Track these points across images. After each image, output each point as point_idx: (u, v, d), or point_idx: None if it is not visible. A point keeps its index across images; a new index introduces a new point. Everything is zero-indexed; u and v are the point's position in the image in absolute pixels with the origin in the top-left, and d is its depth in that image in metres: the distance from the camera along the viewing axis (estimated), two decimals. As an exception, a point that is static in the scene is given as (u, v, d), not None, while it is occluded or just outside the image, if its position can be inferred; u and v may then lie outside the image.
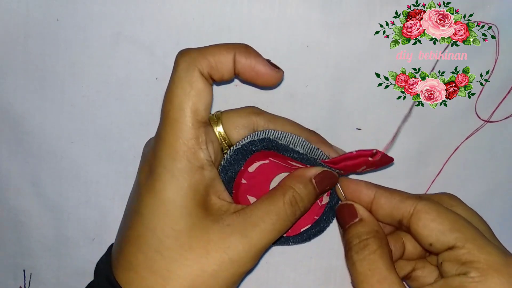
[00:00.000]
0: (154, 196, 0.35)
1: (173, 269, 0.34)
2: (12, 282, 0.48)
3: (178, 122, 0.35)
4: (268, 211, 0.36)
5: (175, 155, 0.35)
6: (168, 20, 0.43)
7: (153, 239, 0.35)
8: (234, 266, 0.35)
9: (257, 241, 0.35)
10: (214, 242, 0.35)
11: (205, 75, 0.36)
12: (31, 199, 0.46)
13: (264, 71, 0.36)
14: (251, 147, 0.38)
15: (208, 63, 0.35)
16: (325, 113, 0.44)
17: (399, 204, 0.37)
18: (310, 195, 0.38)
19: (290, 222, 0.37)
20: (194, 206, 0.35)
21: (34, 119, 0.45)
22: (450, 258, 0.36)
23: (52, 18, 0.43)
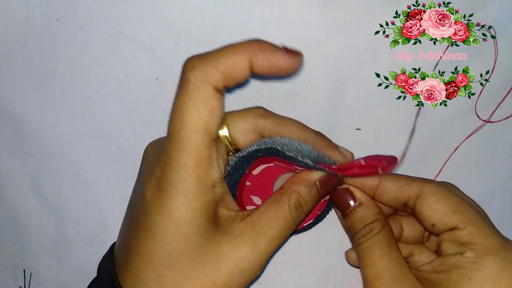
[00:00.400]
0: (166, 216, 0.34)
1: (185, 284, 0.34)
2: (12, 282, 0.48)
3: (190, 143, 0.33)
4: (275, 218, 0.36)
5: (187, 176, 0.33)
6: (168, 20, 0.43)
7: (165, 257, 0.34)
8: (245, 276, 0.35)
9: (266, 248, 0.35)
10: (225, 254, 0.34)
11: (219, 89, 0.33)
12: (31, 199, 0.46)
13: (284, 65, 0.34)
14: (257, 154, 0.38)
15: (222, 75, 0.32)
16: (325, 113, 0.44)
17: (405, 186, 0.38)
18: (314, 198, 0.38)
19: (295, 225, 0.37)
20: (206, 224, 0.35)
21: (34, 119, 0.45)
22: (450, 238, 0.37)
23: (52, 18, 0.43)
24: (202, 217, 0.34)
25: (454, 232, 0.36)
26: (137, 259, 0.35)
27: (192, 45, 0.43)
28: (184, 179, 0.33)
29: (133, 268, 0.35)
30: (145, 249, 0.35)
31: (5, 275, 0.48)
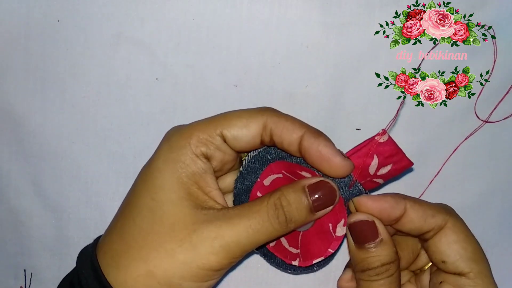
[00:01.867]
0: (148, 165, 0.36)
1: (139, 238, 0.35)
2: (13, 281, 0.48)
3: (211, 121, 0.36)
4: (249, 209, 0.35)
5: (182, 134, 0.36)
6: (169, 21, 0.43)
7: (134, 207, 0.36)
8: (194, 252, 0.34)
9: (226, 235, 0.34)
10: (183, 223, 0.34)
11: (267, 129, 0.36)
12: (32, 199, 0.46)
13: (333, 159, 0.35)
14: (267, 155, 0.38)
15: (279, 138, 0.36)
16: (325, 113, 0.44)
17: (431, 218, 0.37)
18: (299, 203, 0.35)
19: (271, 227, 0.35)
20: (177, 183, 0.35)
21: (34, 120, 0.45)
22: (454, 282, 0.36)
23: (52, 19, 0.43)
24: (176, 176, 0.35)
25: (460, 278, 0.36)
26: (117, 211, 0.37)
27: (192, 46, 0.43)
28: (179, 135, 0.36)
29: (111, 222, 0.37)
30: (125, 200, 0.37)
31: (6, 275, 0.48)
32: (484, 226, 0.46)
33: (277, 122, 0.36)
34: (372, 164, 0.36)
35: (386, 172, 0.37)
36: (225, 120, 0.36)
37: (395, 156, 0.37)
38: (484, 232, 0.46)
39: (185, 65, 0.43)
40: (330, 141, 0.36)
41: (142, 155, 0.45)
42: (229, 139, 0.36)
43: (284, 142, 0.36)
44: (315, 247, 0.38)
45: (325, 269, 0.46)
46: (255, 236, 0.34)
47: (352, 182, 0.37)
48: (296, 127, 0.36)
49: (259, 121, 0.36)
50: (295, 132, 0.35)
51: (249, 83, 0.43)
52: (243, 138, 0.36)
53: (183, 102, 0.44)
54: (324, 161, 0.35)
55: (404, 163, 0.37)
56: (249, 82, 0.43)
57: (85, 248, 0.38)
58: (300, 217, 0.35)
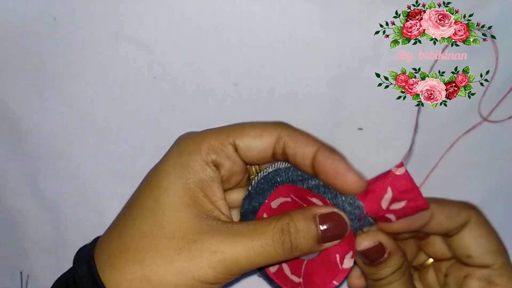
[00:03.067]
0: (157, 167, 0.35)
1: (136, 240, 0.34)
2: (9, 283, 0.48)
3: (225, 130, 0.36)
4: (254, 229, 0.34)
5: (193, 140, 0.35)
6: (167, 19, 0.43)
7: (137, 207, 0.35)
8: (191, 263, 0.33)
9: (226, 251, 0.33)
10: (184, 230, 0.33)
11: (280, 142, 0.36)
12: (29, 199, 0.46)
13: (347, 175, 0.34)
14: (276, 177, 0.37)
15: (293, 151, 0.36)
16: (325, 113, 0.43)
17: (456, 217, 0.37)
18: (308, 232, 0.34)
19: (274, 251, 0.33)
20: (182, 188, 0.34)
21: (31, 119, 0.44)
22: (479, 275, 0.37)
23: (49, 17, 0.43)
24: (182, 180, 0.34)
25: (486, 270, 0.37)
26: (113, 229, 0.36)
27: (191, 45, 0.43)
28: (190, 140, 0.35)
29: (107, 234, 0.36)
30: (130, 200, 0.36)
31: (2, 277, 0.48)
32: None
33: (292, 135, 0.35)
34: (385, 197, 0.35)
35: (399, 208, 0.35)
36: (238, 130, 0.36)
37: (410, 192, 0.35)
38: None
39: (184, 64, 0.43)
40: (344, 157, 0.35)
41: (140, 155, 0.45)
42: (241, 148, 0.36)
43: (297, 155, 0.35)
44: (319, 278, 0.36)
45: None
46: (255, 258, 0.33)
47: (362, 215, 0.35)
48: (310, 141, 0.35)
49: (273, 132, 0.35)
50: (310, 145, 0.35)
51: (249, 82, 0.43)
52: (256, 148, 0.35)
53: (181, 101, 0.44)
54: (339, 176, 0.34)
55: (419, 202, 0.35)
56: (249, 81, 0.43)
57: (84, 246, 0.38)
58: (306, 246, 0.34)
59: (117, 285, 0.34)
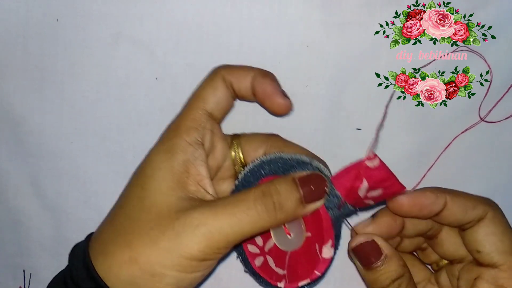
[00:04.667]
0: (144, 159, 0.37)
1: (126, 226, 0.35)
2: (12, 282, 0.48)
3: (188, 105, 0.38)
4: (235, 198, 0.35)
5: (172, 127, 0.37)
6: (168, 20, 0.43)
7: (125, 196, 0.37)
8: (176, 241, 0.33)
9: (210, 224, 0.33)
10: (168, 211, 0.34)
11: (227, 82, 0.38)
12: (31, 199, 0.46)
13: (273, 97, 0.38)
14: (261, 170, 0.38)
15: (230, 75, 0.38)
16: (325, 113, 0.44)
17: (471, 210, 0.37)
18: (290, 192, 0.35)
19: (257, 215, 0.34)
20: (166, 171, 0.35)
21: (33, 119, 0.45)
22: (489, 276, 0.36)
23: (51, 18, 0.43)
24: (166, 164, 0.36)
25: (494, 271, 0.36)
26: (105, 222, 0.38)
27: (192, 45, 0.43)
28: (170, 129, 0.37)
29: (100, 232, 0.37)
30: (123, 191, 0.38)
31: (5, 275, 0.48)
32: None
33: (231, 73, 0.38)
34: (362, 187, 0.35)
35: (376, 195, 0.36)
36: (198, 98, 0.38)
37: (387, 181, 0.35)
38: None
39: (184, 64, 0.43)
40: (275, 80, 0.38)
41: (141, 155, 0.45)
42: (213, 109, 0.38)
43: (241, 89, 0.38)
44: (302, 269, 0.37)
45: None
46: (239, 226, 0.33)
47: (341, 203, 0.36)
48: (246, 72, 0.38)
49: (219, 78, 0.38)
50: (246, 77, 0.38)
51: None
52: (221, 100, 0.38)
53: (182, 101, 0.44)
54: (266, 98, 0.38)
55: (396, 188, 0.36)
56: (249, 81, 0.43)
57: (79, 242, 0.39)
58: (290, 207, 0.35)
59: (108, 270, 0.34)
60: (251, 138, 0.40)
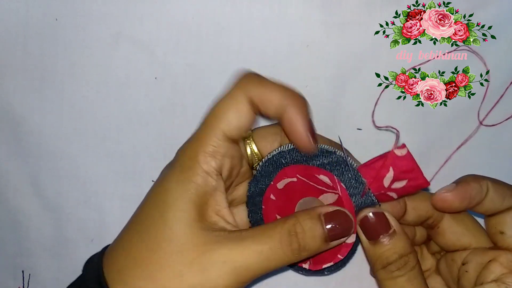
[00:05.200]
0: (159, 183, 0.36)
1: (145, 256, 0.34)
2: (11, 282, 0.48)
3: (208, 127, 0.35)
4: (261, 234, 0.34)
5: (190, 153, 0.35)
6: (168, 20, 0.43)
7: (142, 224, 0.35)
8: (202, 275, 0.33)
9: (236, 260, 0.33)
10: (193, 244, 0.34)
11: (253, 103, 0.36)
12: (30, 199, 0.46)
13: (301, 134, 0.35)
14: (281, 159, 0.38)
15: (259, 96, 0.35)
16: (325, 113, 0.44)
17: (509, 198, 0.36)
18: (314, 231, 0.34)
19: (283, 254, 0.34)
20: (187, 202, 0.34)
21: (33, 119, 0.45)
22: (504, 260, 0.36)
23: (51, 18, 0.43)
24: (187, 195, 0.34)
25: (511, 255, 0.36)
26: (125, 226, 0.36)
27: (191, 45, 0.43)
28: (188, 154, 0.35)
29: (118, 236, 0.36)
30: (133, 216, 0.36)
31: (4, 276, 0.48)
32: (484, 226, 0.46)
33: (259, 95, 0.35)
34: (387, 176, 0.36)
35: (400, 187, 0.36)
36: (218, 120, 0.35)
37: (411, 172, 0.36)
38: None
39: (184, 64, 0.43)
40: (307, 113, 0.35)
41: (141, 155, 0.45)
42: (233, 134, 0.35)
43: (269, 115, 0.35)
44: (326, 252, 0.37)
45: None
46: (265, 263, 0.34)
47: (364, 191, 0.36)
48: (277, 98, 0.35)
49: (245, 100, 0.35)
50: (277, 105, 0.35)
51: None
52: (244, 124, 0.35)
53: (182, 101, 0.44)
54: (293, 134, 0.35)
55: (420, 181, 0.36)
56: (249, 81, 0.43)
57: (91, 258, 0.38)
58: (314, 246, 0.35)
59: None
60: (264, 132, 0.38)
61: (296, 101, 0.35)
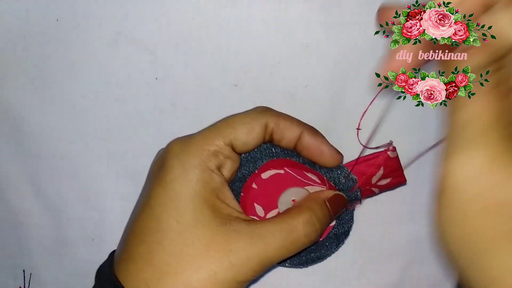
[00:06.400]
0: (163, 187, 0.35)
1: (172, 263, 0.34)
2: (12, 282, 0.48)
3: (216, 130, 0.37)
4: (281, 227, 0.36)
5: (191, 150, 0.36)
6: (168, 20, 0.43)
7: (157, 231, 0.35)
8: (233, 271, 0.34)
9: (262, 253, 0.35)
10: (216, 243, 0.34)
11: (268, 129, 0.38)
12: (31, 199, 0.46)
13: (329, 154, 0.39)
14: (272, 148, 0.39)
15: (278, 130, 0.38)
16: (325, 113, 0.44)
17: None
18: (326, 217, 0.38)
19: (301, 244, 0.36)
20: (200, 203, 0.35)
21: (33, 120, 0.45)
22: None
23: (51, 18, 0.43)
24: (196, 192, 0.35)
25: None
26: (132, 236, 0.36)
27: (192, 45, 0.43)
28: (187, 152, 0.35)
29: (127, 247, 0.36)
30: (141, 224, 0.36)
31: (5, 275, 0.48)
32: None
33: (277, 122, 0.37)
34: (377, 174, 0.39)
35: (384, 184, 0.40)
36: (230, 129, 0.37)
37: (397, 171, 0.40)
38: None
39: (184, 64, 0.43)
40: (324, 138, 0.39)
41: (141, 155, 0.45)
42: (238, 146, 0.37)
43: (283, 140, 0.38)
44: None
45: (325, 270, 0.46)
46: (285, 253, 0.36)
47: (355, 188, 0.39)
48: (294, 126, 0.38)
49: (262, 123, 0.37)
50: (295, 131, 0.38)
51: (249, 83, 0.43)
52: (251, 142, 0.37)
53: (182, 102, 0.44)
54: (322, 156, 0.38)
55: (400, 179, 0.41)
56: (249, 81, 0.43)
57: (102, 269, 0.38)
58: (325, 227, 0.38)
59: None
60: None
61: (311, 127, 0.38)
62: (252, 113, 0.38)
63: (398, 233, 0.46)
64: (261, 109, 0.38)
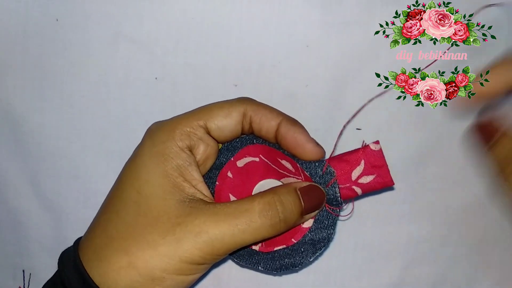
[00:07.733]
0: (133, 160, 0.37)
1: (122, 230, 0.35)
2: (12, 282, 0.48)
3: (192, 114, 0.37)
4: (237, 207, 0.35)
5: (164, 128, 0.36)
6: (168, 20, 0.43)
7: (119, 201, 0.36)
8: (176, 246, 0.34)
9: (211, 231, 0.34)
10: (167, 216, 0.34)
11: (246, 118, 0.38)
12: (30, 199, 0.46)
13: (306, 145, 0.37)
14: (254, 139, 0.38)
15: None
16: (325, 113, 0.44)
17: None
18: (293, 204, 0.36)
19: (261, 227, 0.34)
20: (162, 176, 0.35)
21: (33, 119, 0.45)
22: None
23: (51, 18, 0.43)
24: (161, 169, 0.35)
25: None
26: (100, 209, 0.37)
27: (191, 45, 0.43)
28: (161, 129, 0.36)
29: (90, 237, 0.36)
30: (108, 196, 0.37)
31: (4, 276, 0.48)
32: (484, 226, 0.46)
33: (256, 110, 0.37)
34: (357, 168, 0.37)
35: (367, 182, 0.38)
36: (206, 112, 0.37)
37: (381, 168, 0.37)
38: (485, 232, 0.46)
39: (184, 64, 0.43)
40: (304, 128, 0.38)
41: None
42: (213, 129, 0.37)
43: (262, 129, 0.37)
44: (281, 236, 0.37)
45: (325, 270, 0.46)
46: (240, 236, 0.34)
47: (332, 181, 0.37)
48: (274, 115, 0.37)
49: (240, 109, 0.37)
50: (273, 119, 0.37)
51: (249, 83, 0.43)
52: (227, 127, 0.37)
53: (182, 101, 0.44)
54: (298, 147, 0.37)
55: (387, 179, 0.38)
56: (249, 81, 0.43)
57: (66, 249, 0.38)
58: (291, 219, 0.36)
59: (104, 276, 0.34)
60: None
61: (294, 121, 0.37)
62: (232, 100, 0.38)
63: (398, 233, 0.46)
64: (242, 98, 0.38)
